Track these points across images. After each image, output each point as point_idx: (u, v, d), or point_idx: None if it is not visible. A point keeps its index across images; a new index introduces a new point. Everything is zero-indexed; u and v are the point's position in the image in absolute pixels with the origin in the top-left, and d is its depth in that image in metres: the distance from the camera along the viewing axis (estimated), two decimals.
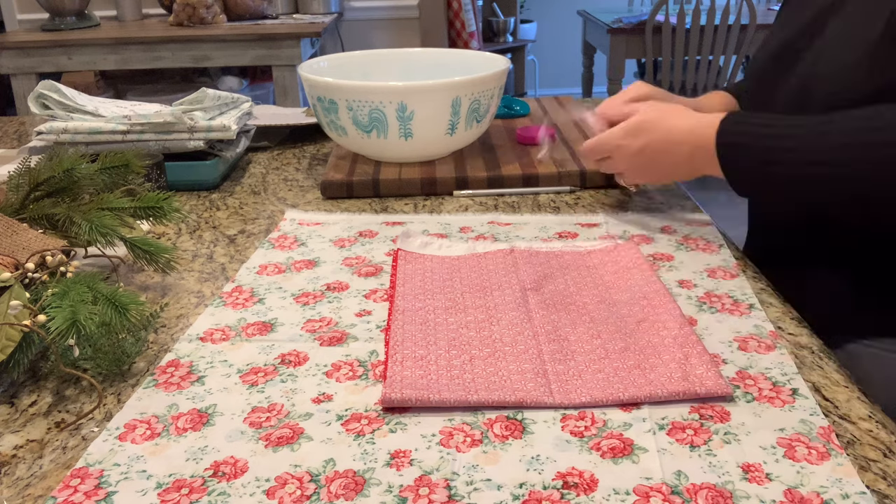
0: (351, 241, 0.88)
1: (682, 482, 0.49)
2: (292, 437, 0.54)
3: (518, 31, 4.60)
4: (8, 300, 0.60)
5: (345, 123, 1.01)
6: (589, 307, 0.70)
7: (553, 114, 1.30)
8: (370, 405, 0.58)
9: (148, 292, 0.77)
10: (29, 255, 0.67)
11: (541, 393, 0.57)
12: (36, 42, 2.67)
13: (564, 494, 0.48)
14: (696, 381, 0.58)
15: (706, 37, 3.37)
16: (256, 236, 0.90)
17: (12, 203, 0.78)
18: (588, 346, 0.63)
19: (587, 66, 4.27)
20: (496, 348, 0.63)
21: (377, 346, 0.66)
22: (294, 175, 1.13)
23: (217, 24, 2.84)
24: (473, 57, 1.18)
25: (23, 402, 0.59)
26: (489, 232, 0.89)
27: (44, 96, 1.08)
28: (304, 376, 0.61)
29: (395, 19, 3.38)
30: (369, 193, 1.02)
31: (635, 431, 0.54)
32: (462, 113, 1.01)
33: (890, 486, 0.49)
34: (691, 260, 0.81)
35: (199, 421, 0.56)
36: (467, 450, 0.52)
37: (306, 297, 0.75)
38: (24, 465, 0.52)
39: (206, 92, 1.07)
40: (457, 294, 0.72)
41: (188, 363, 0.64)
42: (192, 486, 0.50)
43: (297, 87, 2.68)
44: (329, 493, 0.49)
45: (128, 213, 0.79)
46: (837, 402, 0.57)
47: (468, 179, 1.02)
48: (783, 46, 0.88)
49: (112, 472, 0.51)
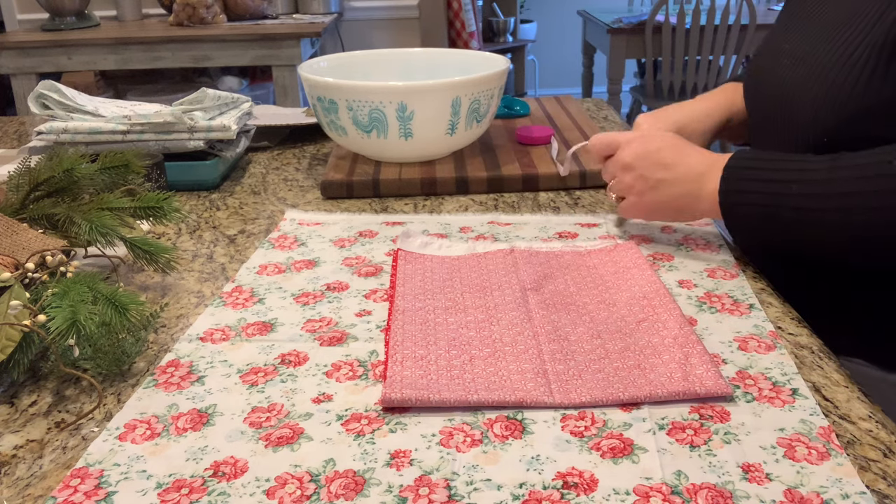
0: (351, 241, 0.88)
1: (682, 482, 0.49)
2: (292, 437, 0.54)
3: (518, 31, 4.60)
4: (8, 300, 0.60)
5: (345, 123, 1.01)
6: (589, 307, 0.70)
7: (554, 114, 1.30)
8: (370, 405, 0.58)
9: (148, 292, 0.77)
10: (29, 255, 0.67)
11: (541, 393, 0.57)
12: (36, 42, 2.67)
13: (564, 494, 0.48)
14: (696, 381, 0.58)
15: (706, 37, 3.37)
16: (256, 236, 0.90)
17: (12, 203, 0.78)
18: (588, 346, 0.63)
19: (587, 66, 4.27)
20: (496, 348, 0.63)
21: (377, 346, 0.66)
22: (294, 175, 1.13)
23: (217, 24, 2.84)
24: (473, 57, 1.18)
25: (23, 402, 0.59)
26: (489, 232, 0.89)
27: (44, 96, 1.08)
28: (304, 376, 0.61)
29: (395, 19, 3.38)
30: (369, 193, 1.02)
31: (635, 431, 0.54)
32: (462, 113, 1.01)
33: (890, 486, 0.49)
34: (691, 260, 0.81)
35: (199, 421, 0.56)
36: (467, 450, 0.52)
37: (306, 297, 0.75)
38: (24, 465, 0.52)
39: (206, 92, 1.07)
40: (457, 294, 0.72)
41: (188, 363, 0.64)
42: (192, 486, 0.50)
43: (297, 87, 2.68)
44: (329, 493, 0.49)
45: (128, 213, 0.79)
46: (837, 402, 0.57)
47: (468, 179, 1.02)
48: (778, 49, 0.86)
49: (112, 472, 0.51)
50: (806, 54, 0.79)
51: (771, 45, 0.89)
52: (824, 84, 0.74)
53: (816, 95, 0.75)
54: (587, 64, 4.26)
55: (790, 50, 0.82)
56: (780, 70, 0.82)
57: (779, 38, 0.87)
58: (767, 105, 0.85)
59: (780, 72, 0.82)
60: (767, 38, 0.94)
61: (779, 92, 0.81)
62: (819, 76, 0.75)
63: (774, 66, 0.84)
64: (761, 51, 0.93)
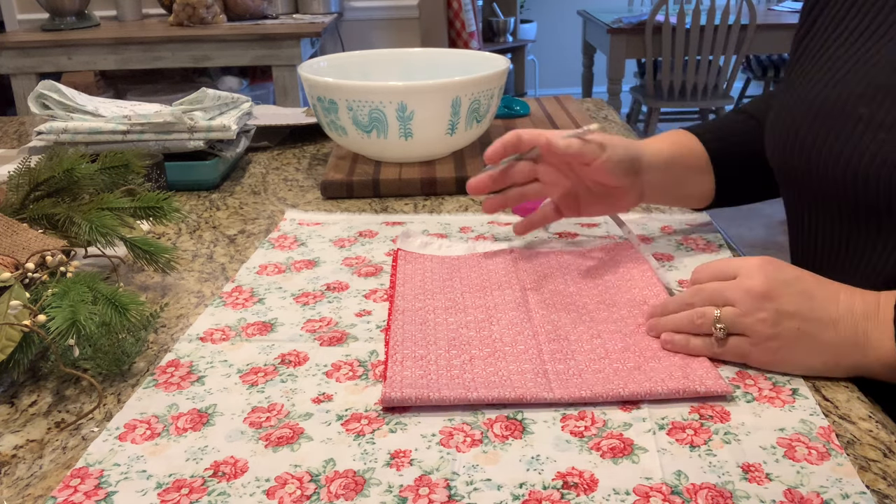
0: (351, 241, 0.88)
1: (682, 482, 0.49)
2: (292, 437, 0.54)
3: (518, 31, 4.61)
4: (8, 300, 0.60)
5: (345, 123, 1.01)
6: (589, 307, 0.70)
7: (554, 114, 1.30)
8: (370, 405, 0.58)
9: (148, 292, 0.77)
10: (29, 255, 0.67)
11: (540, 389, 0.57)
12: (36, 42, 2.67)
13: (564, 494, 0.48)
14: (696, 379, 0.58)
15: (706, 37, 3.37)
16: (256, 236, 0.90)
17: (12, 203, 0.78)
18: (588, 346, 0.63)
19: (587, 66, 4.27)
20: (496, 348, 0.63)
21: (377, 346, 0.66)
22: (294, 175, 1.13)
23: (217, 24, 2.84)
24: (473, 57, 1.18)
25: (23, 402, 0.59)
26: (489, 232, 0.89)
27: (44, 96, 1.08)
28: (304, 376, 0.61)
29: (395, 19, 3.38)
30: (369, 193, 1.02)
31: (635, 431, 0.54)
32: (462, 113, 1.01)
33: (890, 486, 0.49)
34: (691, 260, 0.81)
35: (199, 421, 0.56)
36: (467, 450, 0.52)
37: (306, 297, 0.75)
38: (24, 465, 0.52)
39: (206, 92, 1.07)
40: (457, 294, 0.72)
41: (188, 363, 0.64)
42: (192, 486, 0.50)
43: (297, 87, 2.68)
44: (329, 493, 0.49)
45: (128, 213, 0.79)
46: (837, 402, 0.57)
47: (468, 179, 1.01)
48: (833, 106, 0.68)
49: (112, 472, 0.51)
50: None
51: (832, 104, 0.69)
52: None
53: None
54: (587, 64, 4.27)
55: (869, 116, 0.65)
56: (856, 140, 0.66)
57: (838, 96, 0.69)
58: (829, 174, 0.69)
59: (859, 143, 0.66)
60: (794, 84, 0.76)
61: (855, 163, 0.66)
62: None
63: (846, 133, 0.67)
64: (793, 102, 0.74)
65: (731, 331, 0.60)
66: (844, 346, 0.59)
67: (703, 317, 0.61)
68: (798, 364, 0.60)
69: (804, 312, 0.59)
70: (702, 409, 0.56)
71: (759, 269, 0.60)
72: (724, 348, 0.61)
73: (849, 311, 0.59)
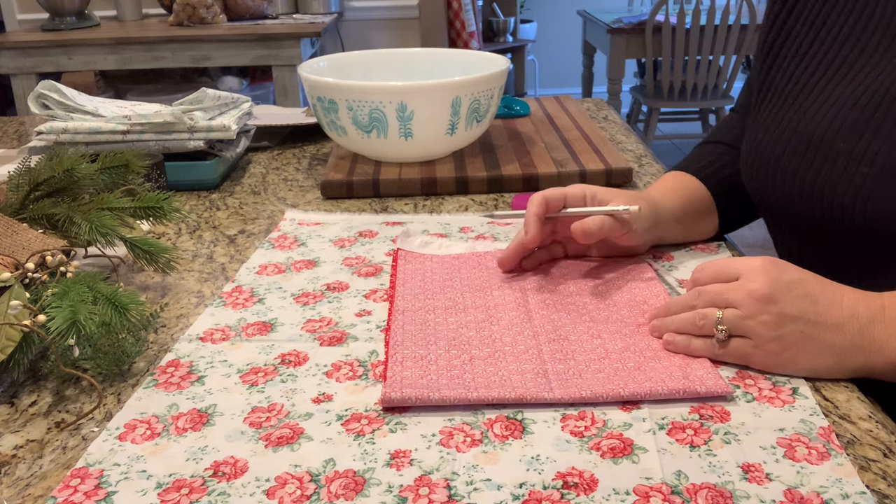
0: (351, 241, 0.88)
1: (682, 482, 0.49)
2: (292, 437, 0.54)
3: (518, 31, 4.60)
4: (8, 300, 0.60)
5: (345, 123, 1.01)
6: (589, 307, 0.70)
7: (554, 114, 1.30)
8: (370, 405, 0.58)
9: (148, 292, 0.77)
10: (29, 255, 0.67)
11: (541, 390, 0.57)
12: (36, 42, 2.67)
13: (564, 494, 0.48)
14: (696, 380, 0.58)
15: (706, 37, 3.37)
16: (256, 236, 0.90)
17: (12, 203, 0.78)
18: (588, 346, 0.63)
19: (587, 66, 4.27)
20: (496, 348, 0.63)
21: (377, 346, 0.66)
22: (294, 175, 1.13)
23: (217, 24, 2.84)
24: (473, 57, 1.18)
25: (23, 402, 0.59)
26: (489, 232, 0.89)
27: (44, 96, 1.08)
28: (304, 376, 0.61)
29: (395, 19, 3.38)
30: (369, 193, 1.02)
31: (635, 431, 0.54)
32: (462, 113, 1.01)
33: (890, 486, 0.49)
34: (691, 260, 0.81)
35: (199, 421, 0.56)
36: (467, 450, 0.52)
37: (306, 297, 0.75)
38: (24, 465, 0.52)
39: (206, 92, 1.07)
40: (457, 294, 0.72)
41: (188, 363, 0.64)
42: (192, 486, 0.50)
43: (297, 87, 2.68)
44: (329, 493, 0.49)
45: (128, 213, 0.79)
46: (837, 402, 0.57)
47: (468, 179, 1.02)
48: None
49: (112, 472, 0.51)
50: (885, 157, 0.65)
51: (809, 140, 0.71)
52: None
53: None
54: (587, 64, 4.26)
55: (848, 151, 0.67)
56: (838, 175, 0.68)
57: (814, 132, 0.71)
58: (814, 209, 0.70)
59: (853, 179, 0.67)
60: (763, 120, 0.77)
61: (850, 202, 0.67)
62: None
63: (828, 168, 0.69)
64: (769, 139, 0.75)
65: (732, 333, 0.60)
66: (849, 350, 0.58)
67: (705, 318, 0.61)
68: (800, 367, 0.59)
69: (808, 316, 0.59)
70: (702, 409, 0.56)
71: (762, 271, 0.60)
72: (726, 350, 0.61)
73: (853, 313, 0.59)
